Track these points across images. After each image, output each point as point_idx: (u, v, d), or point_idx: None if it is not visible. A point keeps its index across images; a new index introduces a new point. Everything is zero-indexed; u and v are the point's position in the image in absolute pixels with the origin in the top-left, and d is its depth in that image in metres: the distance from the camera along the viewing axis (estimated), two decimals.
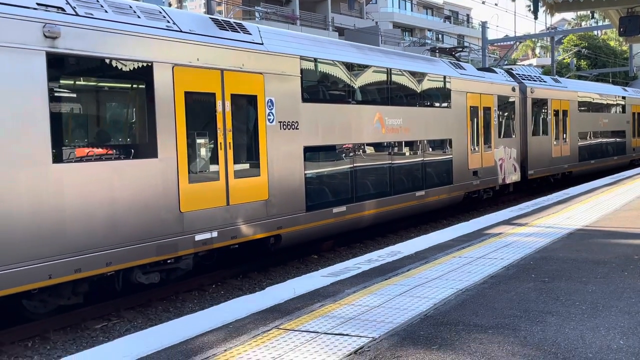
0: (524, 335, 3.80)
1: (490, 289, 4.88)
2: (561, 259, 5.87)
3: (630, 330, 3.86)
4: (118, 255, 8.43)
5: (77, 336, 8.23)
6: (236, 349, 3.63)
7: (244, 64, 10.59)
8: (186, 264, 9.69)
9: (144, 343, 3.75)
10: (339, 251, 13.27)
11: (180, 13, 10.88)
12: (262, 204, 10.84)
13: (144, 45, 8.92)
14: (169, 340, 3.77)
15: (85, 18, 8.28)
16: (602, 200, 9.97)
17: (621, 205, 9.29)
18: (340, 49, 13.83)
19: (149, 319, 8.93)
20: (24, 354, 7.61)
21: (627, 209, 8.94)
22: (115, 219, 8.41)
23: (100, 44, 8.40)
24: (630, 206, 9.26)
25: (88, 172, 8.18)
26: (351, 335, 3.83)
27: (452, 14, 75.99)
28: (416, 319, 4.15)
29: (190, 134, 9.64)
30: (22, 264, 7.43)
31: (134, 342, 3.82)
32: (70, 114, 8.57)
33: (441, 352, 3.56)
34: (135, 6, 9.38)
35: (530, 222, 8.03)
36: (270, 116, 11.16)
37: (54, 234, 7.76)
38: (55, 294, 8.19)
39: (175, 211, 9.26)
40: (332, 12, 47.60)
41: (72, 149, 8.22)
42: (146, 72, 9.00)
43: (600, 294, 4.68)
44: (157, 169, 9.03)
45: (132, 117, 9.76)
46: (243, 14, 41.63)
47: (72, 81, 8.68)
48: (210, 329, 4.00)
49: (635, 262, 5.74)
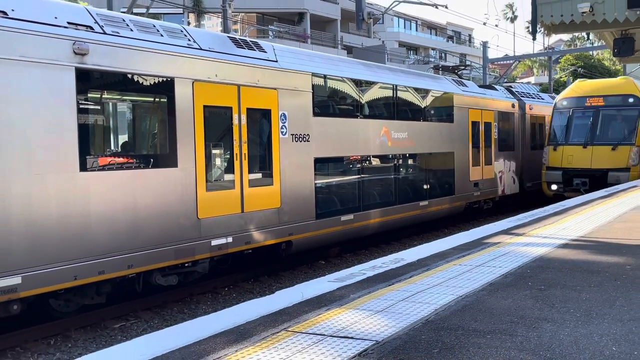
0: (520, 341, 3.75)
1: (489, 295, 4.83)
2: (556, 268, 5.81)
3: (622, 337, 3.81)
4: (139, 258, 8.45)
5: (96, 335, 8.24)
6: (247, 350, 3.61)
7: (259, 80, 10.62)
8: (202, 267, 9.69)
9: (160, 343, 3.74)
10: (345, 257, 13.22)
11: (200, 32, 10.94)
12: (275, 212, 10.83)
13: (166, 62, 8.98)
14: (183, 341, 3.76)
15: (112, 36, 8.34)
16: (597, 212, 9.88)
17: (615, 217, 9.20)
18: (349, 66, 13.84)
19: (164, 320, 8.92)
20: (46, 352, 7.62)
21: (620, 221, 8.85)
22: (137, 224, 8.44)
23: (126, 61, 8.47)
24: (624, 218, 9.16)
25: (112, 179, 8.22)
26: (356, 338, 3.80)
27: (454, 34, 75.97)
28: (418, 323, 4.11)
29: (208, 145, 9.67)
30: (51, 265, 7.46)
31: (151, 342, 3.81)
32: (96, 125, 8.62)
33: (441, 355, 3.52)
34: (159, 25, 9.45)
35: (528, 232, 7.97)
36: (283, 129, 11.17)
37: (80, 238, 7.79)
38: (79, 293, 8.21)
39: (193, 217, 9.27)
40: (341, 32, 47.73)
41: (98, 158, 8.27)
42: (168, 87, 9.05)
43: (593, 302, 4.63)
44: (176, 178, 9.06)
45: (154, 129, 9.81)
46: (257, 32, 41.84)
47: (99, 95, 8.74)
48: (222, 330, 3.98)
49: (627, 271, 5.67)
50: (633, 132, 18.26)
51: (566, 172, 18.44)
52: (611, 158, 17.97)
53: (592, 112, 18.89)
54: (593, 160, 18.10)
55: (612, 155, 18.00)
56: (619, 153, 17.94)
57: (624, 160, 17.83)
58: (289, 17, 45.17)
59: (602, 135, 18.58)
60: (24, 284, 7.17)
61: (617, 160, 17.91)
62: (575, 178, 18.22)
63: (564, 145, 18.83)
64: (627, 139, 18.13)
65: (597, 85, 20.22)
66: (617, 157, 17.94)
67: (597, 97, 19.09)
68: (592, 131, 18.65)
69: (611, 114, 18.87)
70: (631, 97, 18.69)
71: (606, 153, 18.09)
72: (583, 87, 20.10)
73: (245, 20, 42.17)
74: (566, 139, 18.99)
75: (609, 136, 18.58)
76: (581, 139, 18.64)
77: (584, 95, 19.41)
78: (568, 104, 19.52)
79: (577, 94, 19.63)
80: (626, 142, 18.08)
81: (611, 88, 19.45)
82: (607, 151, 18.10)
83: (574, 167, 18.37)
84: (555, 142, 19.14)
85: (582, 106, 19.15)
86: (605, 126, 18.85)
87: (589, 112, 18.95)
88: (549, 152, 19.10)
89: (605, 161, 17.99)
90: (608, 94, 19.08)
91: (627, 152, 17.92)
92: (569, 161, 18.53)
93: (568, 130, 19.18)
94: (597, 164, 18.04)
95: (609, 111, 18.86)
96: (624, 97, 18.79)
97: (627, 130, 18.37)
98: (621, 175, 17.61)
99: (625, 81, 19.86)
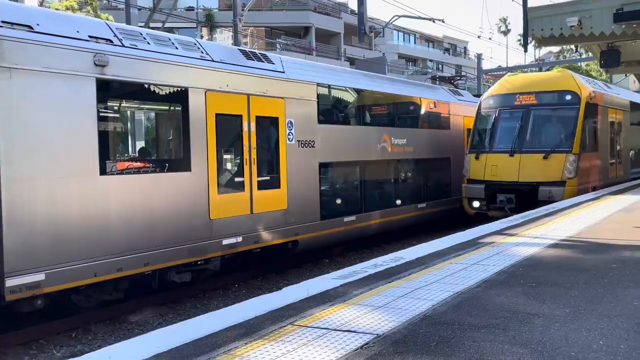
0: (513, 335, 3.74)
1: (483, 292, 4.82)
2: (547, 267, 5.79)
3: (609, 332, 3.79)
4: (155, 257, 8.46)
5: (115, 328, 8.25)
6: (255, 343, 3.61)
7: (268, 90, 10.64)
8: (214, 265, 9.69)
9: (174, 336, 3.74)
10: (348, 256, 13.21)
11: (212, 45, 10.98)
12: (282, 213, 10.83)
13: (180, 73, 9.01)
14: (196, 334, 3.76)
15: (130, 49, 8.38)
16: (585, 214, 9.84)
17: (602, 219, 9.16)
18: (351, 76, 13.86)
19: (178, 314, 8.92)
20: (68, 344, 7.64)
21: (607, 222, 8.81)
22: (153, 224, 8.45)
23: (143, 71, 8.50)
24: (610, 219, 9.12)
25: (130, 183, 8.24)
26: (358, 332, 3.79)
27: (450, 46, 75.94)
28: (416, 318, 4.10)
29: (220, 151, 9.68)
30: (73, 263, 7.48)
31: (166, 335, 3.81)
32: (115, 132, 8.65)
33: (438, 348, 3.51)
34: (174, 38, 9.48)
35: (520, 233, 7.94)
36: (290, 135, 11.17)
37: (100, 237, 7.81)
38: (99, 289, 8.23)
39: (205, 218, 9.28)
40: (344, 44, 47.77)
41: (117, 162, 8.29)
42: (182, 96, 9.08)
43: (582, 299, 4.61)
44: (190, 181, 9.08)
45: (169, 136, 9.84)
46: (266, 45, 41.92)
47: (118, 103, 8.78)
48: (232, 324, 3.98)
49: (614, 270, 5.64)
50: (570, 136, 13.84)
51: (489, 186, 14.12)
52: (543, 169, 13.66)
53: (522, 112, 14.46)
54: (521, 171, 13.79)
55: (545, 165, 13.65)
56: (552, 163, 13.58)
57: (558, 171, 13.49)
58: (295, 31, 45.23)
59: (533, 141, 14.25)
60: (47, 280, 7.20)
61: (550, 172, 13.56)
62: (500, 194, 13.89)
63: (488, 153, 14.44)
64: (563, 145, 13.77)
65: (529, 80, 15.64)
66: (550, 168, 13.59)
67: (529, 94, 14.64)
68: (520, 136, 14.22)
69: (545, 114, 14.54)
70: (569, 94, 14.30)
71: (537, 163, 13.73)
72: (513, 82, 15.49)
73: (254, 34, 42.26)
74: (490, 146, 14.66)
75: (542, 142, 14.21)
76: (508, 146, 14.25)
77: (514, 91, 14.89)
78: (495, 102, 15.07)
79: (506, 91, 15.12)
80: (561, 149, 13.69)
81: (545, 83, 14.98)
82: (538, 160, 13.73)
83: (498, 179, 14.05)
84: (478, 149, 14.77)
85: (511, 105, 14.76)
86: (537, 129, 14.44)
87: (517, 112, 14.53)
88: (470, 162, 14.66)
89: (535, 173, 13.69)
90: (541, 90, 14.63)
91: (562, 161, 13.52)
92: (493, 172, 14.17)
93: (493, 134, 14.84)
94: (525, 176, 13.74)
95: (541, 111, 14.50)
96: (560, 94, 14.38)
97: (564, 135, 14.02)
98: (554, 191, 13.29)
99: (562, 74, 15.24)
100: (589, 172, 14.44)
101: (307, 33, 45.21)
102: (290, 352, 3.43)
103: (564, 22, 13.23)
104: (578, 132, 13.81)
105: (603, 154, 15.49)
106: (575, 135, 13.78)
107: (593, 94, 14.67)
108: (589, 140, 14.43)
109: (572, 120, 14.02)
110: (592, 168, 14.63)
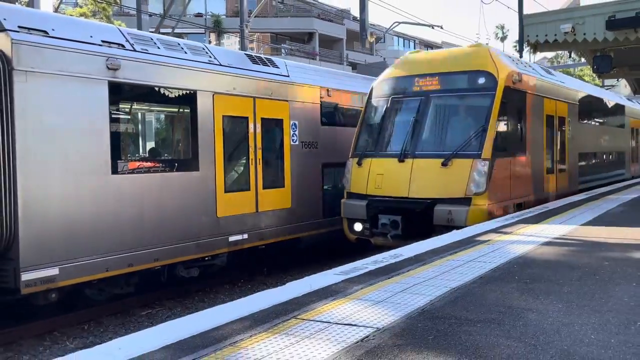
0: (507, 329, 3.73)
1: (479, 288, 4.81)
2: (541, 264, 5.78)
3: (600, 327, 3.78)
4: (164, 252, 8.48)
5: (125, 321, 8.27)
6: (260, 335, 3.62)
7: (273, 93, 10.65)
8: (221, 260, 9.72)
9: (183, 328, 3.75)
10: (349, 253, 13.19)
11: (220, 49, 11.01)
12: (286, 211, 10.83)
13: (189, 76, 9.03)
14: (203, 327, 3.76)
15: (141, 53, 8.40)
16: (577, 213, 9.81)
17: (593, 218, 9.13)
18: (353, 80, 13.86)
19: (186, 308, 8.94)
20: (80, 335, 7.66)
21: (598, 221, 8.79)
22: (163, 222, 8.47)
23: (153, 75, 8.52)
24: (601, 219, 9.10)
25: (141, 182, 8.26)
26: (358, 326, 3.79)
27: None
28: (414, 313, 4.10)
29: (227, 151, 9.70)
30: (86, 258, 7.50)
31: (174, 328, 3.82)
32: (126, 133, 8.67)
33: (436, 341, 3.51)
34: (183, 43, 9.50)
35: (515, 231, 7.92)
36: (294, 137, 11.18)
37: (111, 234, 7.83)
38: (111, 283, 8.25)
39: (213, 216, 9.30)
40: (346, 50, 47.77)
41: (128, 162, 8.31)
42: (191, 99, 9.10)
43: (574, 295, 4.59)
44: (198, 181, 9.10)
45: (178, 137, 9.85)
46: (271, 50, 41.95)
47: (129, 105, 8.80)
48: (238, 317, 3.98)
49: (605, 267, 5.62)
50: (481, 134, 9.34)
51: (372, 203, 9.75)
52: (441, 180, 9.29)
53: (419, 101, 9.99)
54: (413, 183, 9.42)
55: (444, 174, 9.28)
56: (454, 171, 9.23)
57: (461, 183, 9.17)
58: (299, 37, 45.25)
59: (431, 141, 9.78)
60: (61, 275, 7.22)
61: (450, 184, 9.23)
62: (383, 215, 9.54)
63: (373, 158, 10.03)
64: (470, 147, 9.33)
65: (433, 58, 10.79)
66: (450, 179, 9.24)
67: (431, 76, 10.10)
68: (415, 134, 9.74)
69: (449, 103, 10.02)
70: (481, 76, 9.76)
71: (434, 171, 9.35)
72: (413, 60, 10.86)
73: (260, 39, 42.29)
74: (377, 148, 10.21)
75: (443, 142, 9.69)
76: (398, 147, 9.80)
77: (412, 73, 10.39)
78: (388, 88, 10.60)
79: (403, 72, 10.59)
80: (467, 153, 9.28)
81: (453, 61, 10.28)
82: (436, 168, 9.32)
83: (383, 194, 9.67)
84: (362, 151, 10.33)
85: (407, 92, 10.30)
86: (437, 125, 9.96)
87: (414, 101, 10.08)
88: (351, 169, 10.31)
89: (431, 185, 9.33)
90: (447, 72, 10.11)
91: (467, 169, 9.16)
92: (378, 184, 9.75)
93: (381, 132, 10.37)
94: (418, 190, 9.38)
95: (445, 99, 9.97)
96: (470, 76, 9.87)
97: (472, 132, 9.47)
98: (455, 212, 9.03)
99: (476, 49, 10.55)
100: (511, 183, 9.91)
101: (311, 39, 45.22)
102: (293, 345, 3.43)
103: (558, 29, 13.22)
104: (491, 129, 9.29)
105: (535, 158, 11.00)
106: (486, 133, 9.26)
107: (517, 76, 10.06)
108: (510, 141, 10.06)
109: (483, 112, 9.45)
110: (515, 178, 10.09)
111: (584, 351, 3.32)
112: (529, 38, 13.76)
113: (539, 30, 13.57)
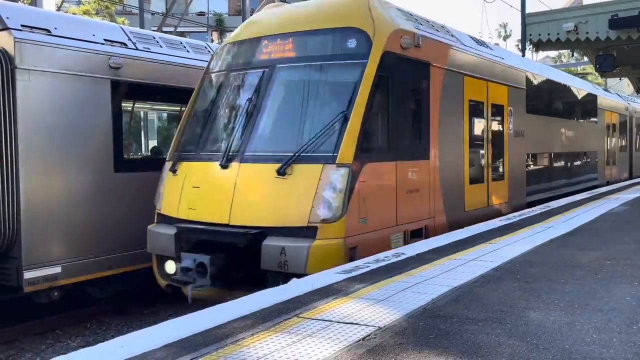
0: (509, 328, 3.73)
1: (481, 287, 4.81)
2: (543, 263, 5.77)
3: (602, 326, 3.77)
4: None
5: (127, 319, 8.28)
6: (262, 334, 3.62)
7: None
8: None
9: (184, 326, 3.76)
10: None
11: None
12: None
13: (191, 75, 9.03)
14: (205, 325, 3.77)
15: (143, 52, 8.41)
16: (579, 213, 9.80)
17: (595, 218, 9.12)
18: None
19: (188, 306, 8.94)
20: (83, 334, 7.68)
21: (599, 221, 8.77)
22: None
23: (156, 73, 8.53)
24: (602, 218, 9.08)
25: (143, 180, 8.27)
26: (360, 324, 3.79)
27: None
28: (416, 311, 4.10)
29: None
30: (88, 256, 7.51)
31: (176, 326, 3.83)
32: (129, 131, 8.68)
33: (437, 340, 3.51)
34: (185, 42, 9.51)
35: (517, 231, 7.92)
36: None
37: (114, 232, 7.84)
38: (113, 282, 8.26)
39: None
40: None
41: (130, 160, 8.32)
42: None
43: (576, 294, 4.59)
44: None
45: None
46: None
47: (131, 104, 8.81)
48: (239, 316, 3.99)
49: (608, 266, 5.61)
50: (339, 126, 6.10)
51: (184, 232, 6.56)
52: (276, 197, 6.10)
53: (260, 76, 6.82)
54: (236, 201, 6.23)
55: (280, 188, 6.07)
56: (295, 183, 6.04)
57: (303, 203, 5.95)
58: None
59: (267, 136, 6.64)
60: (64, 273, 7.23)
61: (287, 205, 6.04)
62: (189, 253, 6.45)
63: (190, 162, 7.04)
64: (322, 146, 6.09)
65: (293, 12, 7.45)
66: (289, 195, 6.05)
67: (283, 37, 6.86)
68: (247, 125, 6.61)
69: (301, 78, 6.75)
70: (350, 36, 6.53)
71: (266, 183, 6.18)
72: (268, 17, 7.57)
73: None
74: (198, 146, 7.14)
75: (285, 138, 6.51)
76: (222, 146, 6.77)
77: (261, 34, 7.16)
78: (229, 58, 7.44)
79: (250, 34, 7.35)
80: (315, 155, 6.06)
81: (316, 15, 7.04)
82: (269, 178, 6.13)
83: (197, 219, 6.51)
84: (181, 151, 7.31)
85: (252, 63, 7.09)
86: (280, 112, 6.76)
87: (254, 76, 6.92)
88: (165, 178, 7.21)
89: (261, 206, 6.15)
90: (304, 30, 6.86)
91: (313, 180, 5.95)
92: (192, 202, 6.68)
93: (208, 123, 7.23)
94: (242, 213, 6.18)
95: (295, 72, 6.79)
96: (335, 36, 6.62)
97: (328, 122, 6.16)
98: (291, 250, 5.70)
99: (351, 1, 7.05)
100: (397, 200, 6.74)
101: None
102: (295, 343, 3.43)
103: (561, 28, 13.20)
104: (355, 117, 6.11)
105: (447, 162, 7.93)
106: (347, 124, 6.09)
107: (409, 39, 6.88)
108: (395, 136, 6.73)
109: (347, 92, 6.31)
110: (406, 192, 6.92)
111: (586, 350, 3.31)
112: (531, 37, 13.75)
113: (541, 29, 13.56)
